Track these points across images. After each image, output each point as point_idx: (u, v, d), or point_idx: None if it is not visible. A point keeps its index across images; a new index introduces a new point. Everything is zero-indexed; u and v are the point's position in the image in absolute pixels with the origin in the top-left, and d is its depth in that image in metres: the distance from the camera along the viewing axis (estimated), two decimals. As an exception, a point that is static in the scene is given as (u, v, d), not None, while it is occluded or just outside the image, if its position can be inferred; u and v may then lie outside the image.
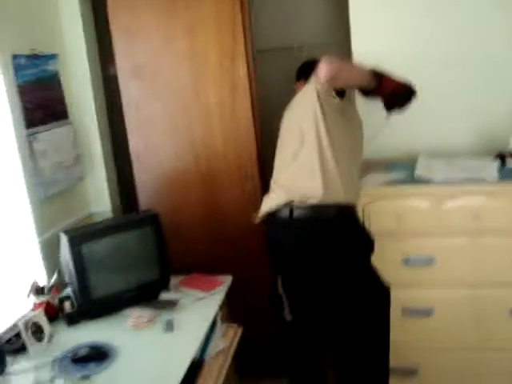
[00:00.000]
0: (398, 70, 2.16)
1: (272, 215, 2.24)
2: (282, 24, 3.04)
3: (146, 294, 2.35)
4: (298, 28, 3.02)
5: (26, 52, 2.43)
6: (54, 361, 1.93)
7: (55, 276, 2.34)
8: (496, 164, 2.42)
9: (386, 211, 2.32)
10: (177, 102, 2.72)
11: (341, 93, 2.22)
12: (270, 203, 2.24)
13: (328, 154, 2.12)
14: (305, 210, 2.13)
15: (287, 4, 3.02)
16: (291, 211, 2.15)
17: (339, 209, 2.13)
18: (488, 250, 2.30)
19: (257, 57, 2.82)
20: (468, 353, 2.43)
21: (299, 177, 2.17)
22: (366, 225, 2.30)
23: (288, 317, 2.59)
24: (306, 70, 2.33)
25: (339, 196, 2.13)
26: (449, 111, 2.72)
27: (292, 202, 2.15)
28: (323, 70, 2.00)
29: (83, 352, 1.97)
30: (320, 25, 3.00)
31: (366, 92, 2.19)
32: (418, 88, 2.17)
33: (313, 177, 2.12)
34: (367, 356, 2.29)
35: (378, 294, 2.26)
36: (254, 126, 2.69)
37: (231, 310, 2.61)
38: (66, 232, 2.25)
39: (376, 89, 2.12)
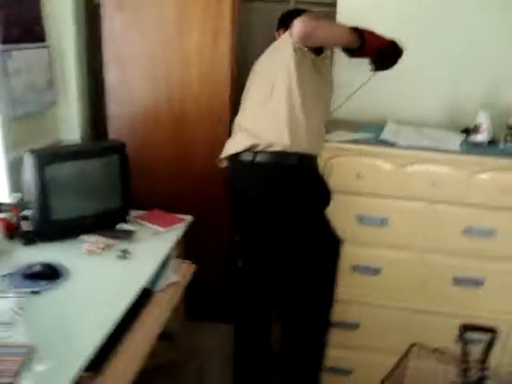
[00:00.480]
0: (383, 29, 2.18)
1: (234, 158, 2.25)
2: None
3: (105, 223, 2.36)
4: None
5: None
6: (4, 275, 1.94)
7: (16, 194, 2.34)
8: (460, 137, 2.48)
9: (347, 168, 2.35)
10: (158, 41, 2.70)
11: (318, 50, 2.22)
12: (233, 146, 2.25)
13: (298, 108, 2.13)
14: (267, 155, 2.15)
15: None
16: (254, 156, 2.17)
17: (301, 157, 2.15)
18: (441, 217, 2.36)
19: (244, 5, 2.81)
20: (409, 313, 2.51)
21: (266, 126, 2.18)
22: (326, 178, 2.32)
23: (240, 264, 2.63)
24: (287, 20, 2.31)
25: (302, 147, 2.15)
26: (425, 81, 2.75)
27: (255, 147, 2.17)
28: (297, 27, 2.00)
29: (36, 269, 1.98)
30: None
31: (352, 52, 2.20)
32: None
33: (280, 129, 2.13)
34: (311, 306, 2.35)
35: (328, 245, 2.31)
36: (231, 74, 2.69)
37: (188, 251, 2.65)
38: (32, 152, 2.21)
39: (360, 48, 2.12)
